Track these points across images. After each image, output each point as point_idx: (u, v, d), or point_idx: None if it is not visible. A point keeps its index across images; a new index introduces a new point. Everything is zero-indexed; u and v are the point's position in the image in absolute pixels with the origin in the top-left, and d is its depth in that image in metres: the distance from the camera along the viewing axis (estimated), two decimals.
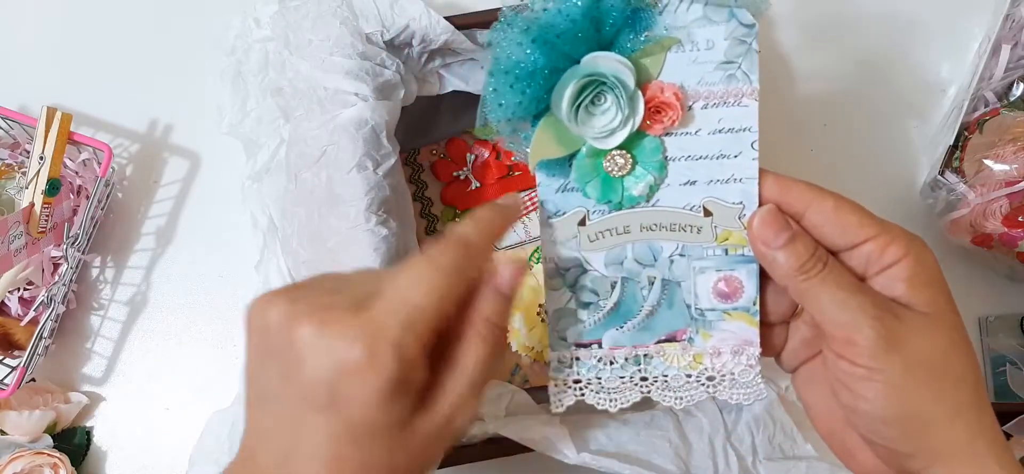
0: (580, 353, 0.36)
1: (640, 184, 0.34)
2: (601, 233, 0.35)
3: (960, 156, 0.61)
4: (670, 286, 0.35)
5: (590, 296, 0.36)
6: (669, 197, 0.34)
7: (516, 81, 0.32)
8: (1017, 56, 0.62)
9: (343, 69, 0.51)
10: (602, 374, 0.36)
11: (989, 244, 0.59)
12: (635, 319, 0.36)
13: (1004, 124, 0.59)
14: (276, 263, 0.59)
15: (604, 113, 0.33)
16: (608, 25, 0.32)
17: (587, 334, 0.36)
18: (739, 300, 0.35)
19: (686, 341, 0.36)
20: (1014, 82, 0.62)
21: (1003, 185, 0.57)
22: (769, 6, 0.33)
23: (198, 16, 0.67)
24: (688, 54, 0.33)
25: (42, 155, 0.57)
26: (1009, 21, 0.61)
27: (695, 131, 0.34)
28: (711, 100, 0.33)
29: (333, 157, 0.51)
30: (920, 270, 0.33)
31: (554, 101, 0.33)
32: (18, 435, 0.58)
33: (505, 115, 0.32)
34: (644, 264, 0.35)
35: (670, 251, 0.35)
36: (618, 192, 0.34)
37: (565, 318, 0.36)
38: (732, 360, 0.36)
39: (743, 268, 0.35)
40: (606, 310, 0.36)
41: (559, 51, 0.32)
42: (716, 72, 0.33)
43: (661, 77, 0.33)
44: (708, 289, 0.35)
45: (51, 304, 0.57)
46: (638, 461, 0.51)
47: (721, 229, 0.35)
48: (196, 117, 0.65)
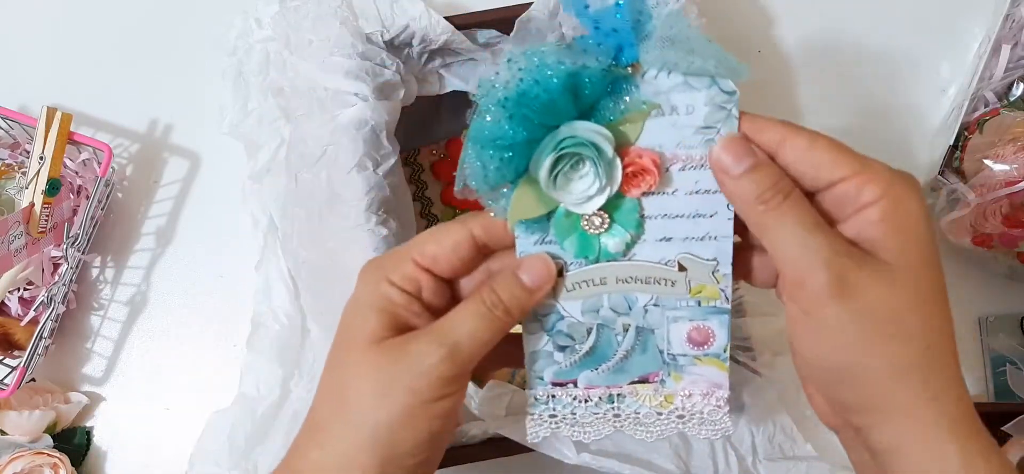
0: (556, 391, 0.37)
1: (617, 241, 0.35)
2: (578, 284, 0.36)
3: (960, 156, 0.61)
4: (644, 333, 0.36)
5: (566, 340, 0.37)
6: (645, 252, 0.35)
7: (495, 151, 0.32)
8: (1017, 56, 0.62)
9: (343, 69, 0.51)
10: (577, 411, 0.37)
11: (989, 244, 0.59)
12: (610, 362, 0.37)
13: (1004, 124, 0.59)
14: (276, 263, 0.59)
15: (582, 179, 0.33)
16: (586, 95, 0.32)
17: (563, 374, 0.37)
18: (710, 347, 0.36)
19: (658, 383, 0.37)
20: (1014, 82, 0.62)
21: (1003, 185, 0.57)
22: (747, 75, 0.33)
23: (199, 16, 0.67)
24: (667, 119, 0.33)
25: (42, 155, 0.57)
26: (1009, 21, 0.61)
27: (672, 191, 0.34)
28: (689, 163, 0.34)
29: (333, 157, 0.51)
30: (896, 213, 0.31)
31: (533, 167, 0.33)
32: (18, 435, 0.58)
33: (485, 180, 0.33)
34: (619, 313, 0.36)
35: (645, 301, 0.36)
36: (595, 248, 0.35)
37: (542, 359, 0.37)
38: (702, 401, 0.37)
39: (715, 319, 0.36)
40: (582, 353, 0.37)
41: (537, 122, 0.32)
42: (695, 136, 0.33)
43: (640, 142, 0.33)
44: (681, 337, 0.36)
45: (51, 304, 0.57)
46: (638, 461, 0.52)
47: (695, 283, 0.36)
48: (196, 117, 0.65)
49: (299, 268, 0.58)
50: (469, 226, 0.35)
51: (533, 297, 0.34)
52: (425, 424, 0.33)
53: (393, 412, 0.32)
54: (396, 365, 0.33)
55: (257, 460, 0.56)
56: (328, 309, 0.55)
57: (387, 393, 0.32)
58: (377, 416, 0.32)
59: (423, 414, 0.33)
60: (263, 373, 0.58)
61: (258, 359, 0.58)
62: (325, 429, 0.34)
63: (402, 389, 0.32)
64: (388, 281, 0.34)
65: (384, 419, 0.32)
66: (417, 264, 0.34)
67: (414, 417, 0.32)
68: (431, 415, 0.33)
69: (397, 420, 0.32)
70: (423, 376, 0.32)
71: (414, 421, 0.33)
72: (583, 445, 0.51)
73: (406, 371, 0.32)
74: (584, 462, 0.51)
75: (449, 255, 0.34)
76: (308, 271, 0.57)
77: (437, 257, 0.34)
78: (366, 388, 0.33)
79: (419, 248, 0.35)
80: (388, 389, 0.32)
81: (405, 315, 0.34)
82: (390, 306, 0.34)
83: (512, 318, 0.34)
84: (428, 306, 0.35)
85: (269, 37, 0.61)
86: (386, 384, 0.33)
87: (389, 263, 0.35)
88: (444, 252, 0.34)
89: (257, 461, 0.56)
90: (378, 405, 0.32)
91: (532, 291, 0.34)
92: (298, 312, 0.59)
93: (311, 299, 0.58)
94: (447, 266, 0.35)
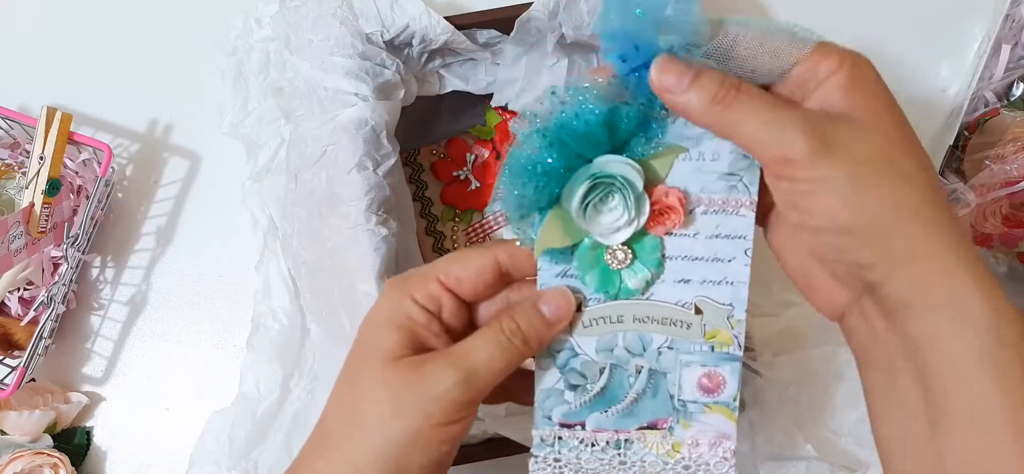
0: (563, 433, 0.37)
1: (637, 278, 0.35)
2: (595, 320, 0.36)
3: (960, 156, 0.61)
4: (656, 376, 0.37)
5: (578, 379, 0.37)
6: (663, 292, 0.36)
7: (531, 177, 0.33)
8: (1017, 56, 0.62)
9: (343, 69, 0.51)
10: (582, 455, 0.37)
11: (989, 244, 0.59)
12: (620, 405, 0.37)
13: (1004, 124, 0.59)
14: (276, 263, 0.59)
15: (611, 211, 0.34)
16: (622, 130, 0.33)
17: (572, 415, 0.37)
18: (721, 395, 0.37)
19: (667, 430, 0.37)
20: (1014, 82, 0.62)
21: (1003, 185, 0.57)
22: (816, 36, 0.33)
23: (199, 16, 0.67)
24: (694, 162, 0.35)
25: (42, 155, 0.57)
26: (1009, 21, 0.61)
27: (693, 233, 0.35)
28: (712, 207, 0.35)
29: (333, 157, 0.51)
30: (855, 78, 0.31)
31: (565, 196, 0.34)
32: (18, 435, 0.58)
33: (519, 210, 0.34)
34: (634, 353, 0.37)
35: (660, 343, 0.36)
36: (615, 284, 0.36)
37: (552, 398, 0.37)
38: (709, 451, 0.37)
39: (727, 365, 0.37)
40: (593, 394, 0.37)
41: (574, 153, 0.33)
42: (719, 182, 0.35)
43: (667, 181, 0.35)
44: (692, 382, 0.37)
45: (51, 304, 0.57)
46: None
47: (710, 327, 0.36)
48: (196, 117, 0.65)
49: (299, 268, 0.58)
50: (494, 252, 0.36)
51: (552, 329, 0.35)
52: (435, 446, 0.33)
53: (405, 432, 0.33)
54: (411, 386, 0.33)
55: (257, 460, 0.57)
56: (328, 309, 0.55)
57: (400, 413, 0.33)
58: (388, 434, 0.33)
59: (434, 437, 0.33)
60: (263, 373, 0.58)
61: (258, 359, 0.58)
62: (334, 442, 0.34)
63: (415, 410, 0.33)
64: (411, 299, 0.35)
65: (395, 438, 0.33)
66: (441, 284, 0.35)
67: (425, 439, 0.33)
68: (441, 438, 0.33)
69: (408, 440, 0.33)
70: (437, 400, 0.33)
71: (425, 443, 0.33)
72: None
73: (421, 393, 0.33)
74: None
75: (473, 278, 0.35)
76: (308, 271, 0.57)
77: (462, 279, 0.35)
78: (380, 406, 0.33)
79: (445, 269, 0.35)
80: (401, 409, 0.33)
81: (424, 334, 0.35)
82: (410, 324, 0.35)
83: (529, 349, 0.34)
84: (448, 327, 0.35)
85: (269, 37, 0.61)
86: (400, 404, 0.33)
87: (413, 281, 0.35)
88: (469, 275, 0.35)
89: (257, 461, 0.57)
90: (390, 424, 0.33)
91: (551, 323, 0.35)
92: (298, 312, 0.59)
93: (311, 299, 0.58)
94: (470, 289, 0.35)
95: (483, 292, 0.36)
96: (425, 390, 0.33)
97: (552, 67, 0.60)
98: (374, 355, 0.34)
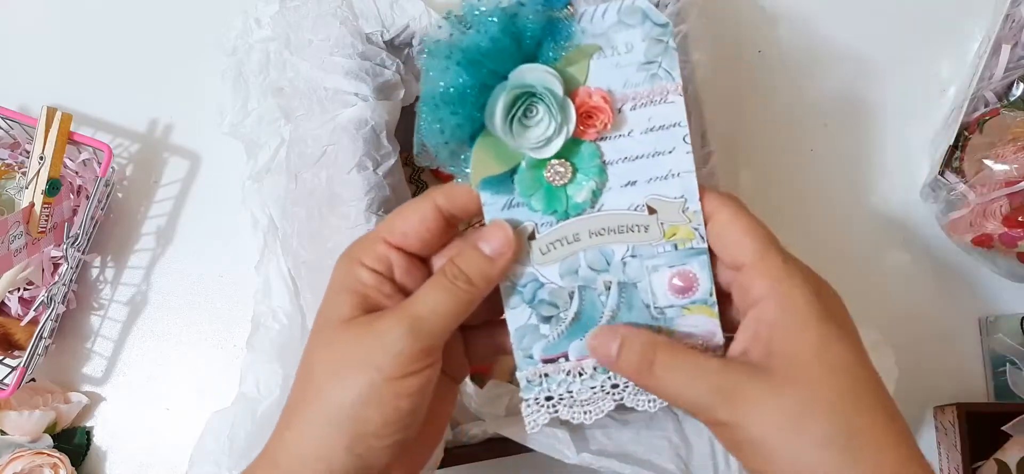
0: (548, 369, 0.36)
1: (583, 190, 0.35)
2: (552, 245, 0.35)
3: (960, 156, 0.61)
4: (627, 288, 0.36)
5: (550, 309, 0.36)
6: (613, 200, 0.35)
7: (447, 104, 0.33)
8: (1017, 56, 0.62)
9: (343, 69, 0.51)
10: (573, 387, 0.36)
11: (989, 244, 0.59)
12: (597, 326, 0.36)
13: (1004, 124, 0.59)
14: (276, 263, 0.59)
15: (538, 123, 0.34)
16: (528, 38, 0.33)
17: (552, 348, 0.36)
18: (696, 294, 0.36)
19: None
20: (1014, 82, 0.62)
21: (1003, 185, 0.57)
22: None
23: (199, 16, 0.67)
24: (610, 59, 0.34)
25: (42, 155, 0.57)
26: (1009, 21, 0.61)
27: (628, 132, 0.35)
28: (639, 101, 0.35)
29: (333, 157, 0.51)
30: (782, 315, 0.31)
31: (487, 118, 0.34)
32: (18, 435, 0.58)
33: (442, 139, 0.33)
34: (598, 270, 0.36)
35: (622, 254, 0.36)
36: (562, 201, 0.35)
37: (528, 335, 0.36)
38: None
39: (695, 261, 0.36)
40: (568, 321, 0.36)
41: (485, 69, 0.33)
42: (639, 73, 0.34)
43: (588, 83, 0.34)
44: (664, 286, 0.36)
45: (51, 304, 0.57)
46: (638, 461, 0.51)
47: (667, 225, 0.35)
48: (196, 117, 0.65)
49: (299, 268, 0.58)
50: (432, 197, 0.35)
51: (495, 265, 0.34)
52: (391, 402, 0.32)
53: (358, 390, 0.32)
54: (360, 343, 0.33)
55: None
56: None
57: (352, 370, 0.32)
58: (342, 394, 0.32)
59: (389, 391, 0.32)
60: (263, 373, 0.58)
61: (258, 359, 0.58)
62: (296, 410, 0.34)
63: (367, 366, 0.32)
64: (359, 263, 0.35)
65: (349, 398, 0.32)
66: (387, 243, 0.35)
67: (380, 395, 0.32)
68: (397, 393, 0.32)
69: (362, 398, 0.32)
70: (387, 351, 0.32)
71: (380, 399, 0.32)
72: (584, 444, 0.51)
73: (370, 349, 0.32)
74: (584, 462, 0.51)
75: (417, 229, 0.35)
76: (308, 271, 0.57)
77: (406, 233, 0.35)
78: (331, 368, 0.33)
79: (387, 227, 0.35)
80: (352, 367, 0.32)
81: (376, 296, 0.34)
82: (361, 287, 0.34)
83: (477, 289, 0.34)
84: (402, 287, 0.35)
85: (269, 37, 0.61)
86: (350, 362, 0.33)
87: (360, 246, 0.35)
88: (412, 226, 0.35)
89: None
90: (343, 383, 0.32)
91: (493, 259, 0.34)
92: (298, 312, 0.59)
93: (311, 299, 0.58)
94: (417, 241, 0.35)
95: (431, 242, 0.35)
96: (374, 344, 0.32)
97: None
98: (328, 321, 0.34)
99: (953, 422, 0.57)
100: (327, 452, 0.32)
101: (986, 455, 0.56)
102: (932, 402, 0.62)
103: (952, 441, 0.57)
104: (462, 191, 0.35)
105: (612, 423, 0.52)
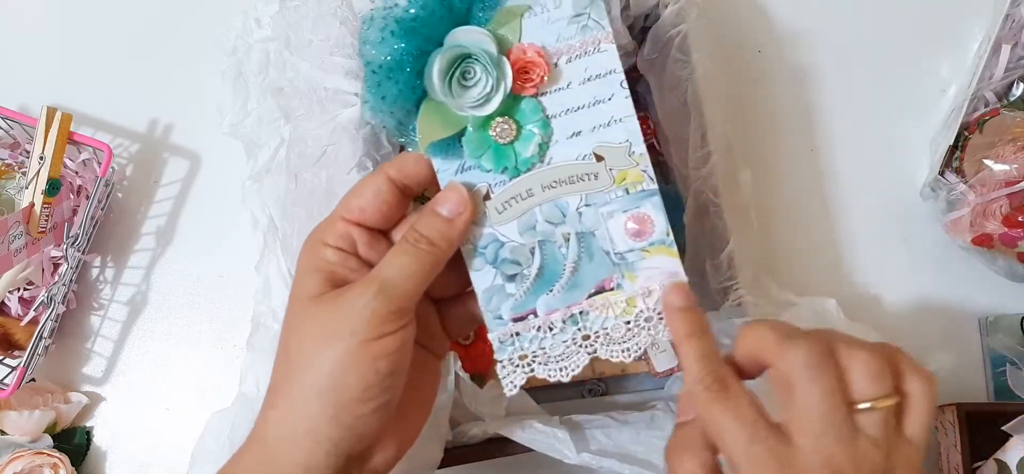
0: (518, 327, 0.37)
1: (530, 145, 0.36)
2: (507, 203, 0.36)
3: (960, 156, 0.61)
4: (585, 237, 0.37)
5: (512, 268, 0.37)
6: (561, 153, 0.36)
7: (387, 73, 0.34)
8: (1017, 56, 0.62)
9: (343, 69, 0.51)
10: (545, 344, 0.37)
11: (989, 244, 0.59)
12: (561, 279, 0.37)
13: (1004, 124, 0.59)
14: (276, 263, 0.59)
15: (476, 83, 0.35)
16: (458, 2, 0.35)
17: (520, 306, 0.37)
18: (653, 235, 0.37)
19: (615, 287, 0.37)
20: (1014, 82, 0.62)
21: (1003, 185, 0.57)
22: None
23: (199, 16, 0.67)
24: (540, 16, 0.36)
25: (42, 155, 0.57)
26: (1009, 21, 0.61)
27: (566, 85, 0.36)
28: (573, 53, 0.36)
29: (333, 157, 0.51)
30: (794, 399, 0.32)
31: (427, 83, 0.35)
32: (18, 435, 0.58)
33: (387, 109, 0.35)
34: (555, 223, 0.37)
35: (576, 204, 0.37)
36: (511, 157, 0.36)
37: (495, 296, 0.37)
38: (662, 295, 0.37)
39: (648, 202, 0.37)
40: (532, 278, 0.37)
41: (421, 36, 0.34)
42: (570, 27, 0.36)
43: (521, 41, 0.36)
44: (620, 231, 0.37)
45: (51, 304, 0.57)
46: (638, 461, 0.51)
47: (616, 171, 0.37)
48: (196, 117, 0.65)
49: None
50: (384, 170, 0.36)
51: (453, 226, 0.35)
52: (370, 364, 0.33)
53: (335, 357, 0.33)
54: (333, 313, 0.34)
55: None
56: None
57: (327, 340, 0.33)
58: (321, 365, 0.33)
59: (365, 354, 0.33)
60: (263, 373, 0.58)
61: (258, 359, 0.58)
62: (278, 389, 0.35)
63: (341, 332, 0.33)
64: (323, 243, 0.36)
65: (327, 366, 0.33)
66: (347, 220, 0.36)
67: (357, 359, 0.33)
68: (374, 355, 0.33)
69: (340, 364, 0.33)
70: (358, 316, 0.33)
71: (358, 363, 0.33)
72: (584, 444, 0.51)
73: (343, 316, 0.33)
74: (584, 462, 0.51)
75: (373, 202, 0.36)
76: None
77: (363, 209, 0.36)
78: (307, 340, 0.34)
79: (344, 205, 0.36)
80: (328, 336, 0.33)
81: (342, 272, 0.35)
82: (326, 266, 0.35)
83: (439, 249, 0.35)
84: (366, 262, 0.36)
85: (269, 37, 0.61)
86: (325, 332, 0.33)
87: (321, 228, 0.36)
88: (367, 201, 0.36)
89: None
90: (320, 353, 0.33)
91: (451, 219, 0.35)
92: None
93: None
94: (375, 215, 0.36)
95: (389, 214, 0.36)
96: (346, 310, 0.33)
97: None
98: (298, 301, 0.35)
99: (953, 422, 0.57)
100: (313, 425, 0.33)
101: (986, 455, 0.56)
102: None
103: (952, 441, 0.57)
104: (412, 160, 0.36)
105: (612, 423, 0.52)
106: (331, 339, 0.33)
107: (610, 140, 0.36)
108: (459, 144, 0.36)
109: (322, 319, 0.34)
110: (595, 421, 0.53)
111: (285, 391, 0.34)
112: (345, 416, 0.33)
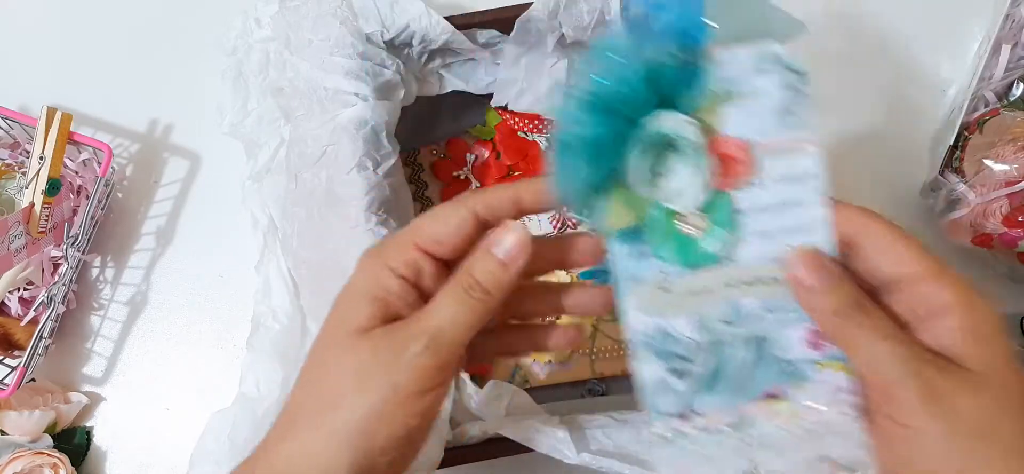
0: (684, 426, 0.35)
1: (715, 241, 0.33)
2: (682, 297, 0.34)
3: (960, 156, 0.61)
4: (760, 342, 0.34)
5: (681, 364, 0.34)
6: (745, 252, 0.33)
7: (583, 152, 0.31)
8: (1017, 56, 0.62)
9: (343, 69, 0.51)
10: (705, 446, 0.35)
11: (989, 244, 0.59)
12: (730, 381, 0.35)
13: (1004, 124, 0.59)
14: (276, 263, 0.59)
15: (674, 174, 0.33)
16: (664, 83, 0.31)
17: (685, 403, 0.35)
18: (831, 348, 0.34)
19: (783, 397, 0.35)
20: (1014, 82, 0.62)
21: (1003, 185, 0.57)
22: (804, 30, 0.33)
23: (199, 16, 0.67)
24: (746, 107, 0.33)
25: (42, 155, 0.57)
26: (1009, 21, 0.61)
27: (761, 183, 0.33)
28: (773, 150, 0.33)
29: (333, 157, 0.51)
30: (974, 320, 0.30)
31: (624, 169, 0.32)
32: (18, 435, 0.58)
33: (580, 191, 0.32)
34: (730, 323, 0.34)
35: (754, 307, 0.34)
36: (694, 252, 0.33)
37: (660, 391, 0.35)
38: (829, 411, 0.35)
39: None
40: (699, 375, 0.35)
41: (621, 117, 0.31)
42: (773, 120, 0.33)
43: (723, 131, 0.33)
44: (798, 341, 0.34)
45: (51, 304, 0.57)
46: (638, 461, 0.51)
47: None
48: (196, 117, 0.65)
49: (299, 268, 0.58)
50: (470, 204, 0.33)
51: (508, 271, 0.33)
52: (402, 420, 0.32)
53: (371, 405, 0.31)
54: (377, 354, 0.32)
55: None
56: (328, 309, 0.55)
57: (367, 387, 0.31)
58: (355, 408, 0.31)
59: (401, 410, 0.31)
60: (263, 373, 0.58)
61: (258, 359, 0.58)
62: (299, 420, 0.33)
63: (384, 383, 0.31)
64: (388, 268, 0.33)
65: (362, 412, 0.31)
66: (419, 248, 0.33)
67: (393, 412, 0.31)
68: (410, 411, 0.32)
69: (375, 413, 0.31)
70: (405, 368, 0.31)
71: (392, 416, 0.31)
72: (584, 444, 0.51)
73: (387, 362, 0.31)
74: (584, 462, 0.50)
75: (453, 236, 0.33)
76: (308, 271, 0.57)
77: (439, 240, 0.33)
78: (346, 380, 0.32)
79: (418, 231, 0.34)
80: (368, 383, 0.31)
81: (398, 305, 0.33)
82: (385, 295, 0.33)
83: (492, 297, 0.33)
84: (425, 295, 0.34)
85: (269, 37, 0.61)
86: (366, 374, 0.31)
87: (390, 250, 0.34)
88: (448, 233, 0.33)
89: None
90: (356, 399, 0.31)
91: (507, 264, 0.33)
92: (298, 312, 0.59)
93: (311, 299, 0.58)
94: (450, 248, 0.34)
95: (464, 250, 0.34)
96: (391, 358, 0.31)
97: (552, 67, 0.60)
98: (344, 328, 0.33)
99: None
100: (331, 467, 0.31)
101: None
102: None
103: None
104: (503, 199, 0.34)
105: (612, 423, 0.52)
106: (371, 384, 0.31)
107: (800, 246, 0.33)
108: (641, 229, 0.33)
109: (365, 359, 0.32)
110: (595, 421, 0.53)
111: (309, 424, 0.32)
112: (363, 464, 0.31)
